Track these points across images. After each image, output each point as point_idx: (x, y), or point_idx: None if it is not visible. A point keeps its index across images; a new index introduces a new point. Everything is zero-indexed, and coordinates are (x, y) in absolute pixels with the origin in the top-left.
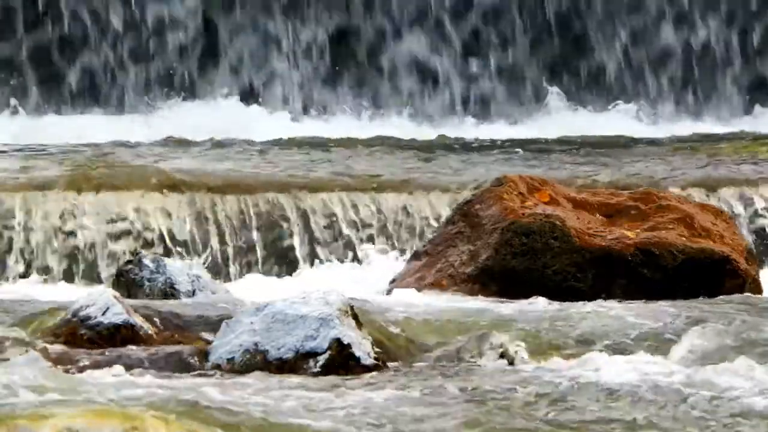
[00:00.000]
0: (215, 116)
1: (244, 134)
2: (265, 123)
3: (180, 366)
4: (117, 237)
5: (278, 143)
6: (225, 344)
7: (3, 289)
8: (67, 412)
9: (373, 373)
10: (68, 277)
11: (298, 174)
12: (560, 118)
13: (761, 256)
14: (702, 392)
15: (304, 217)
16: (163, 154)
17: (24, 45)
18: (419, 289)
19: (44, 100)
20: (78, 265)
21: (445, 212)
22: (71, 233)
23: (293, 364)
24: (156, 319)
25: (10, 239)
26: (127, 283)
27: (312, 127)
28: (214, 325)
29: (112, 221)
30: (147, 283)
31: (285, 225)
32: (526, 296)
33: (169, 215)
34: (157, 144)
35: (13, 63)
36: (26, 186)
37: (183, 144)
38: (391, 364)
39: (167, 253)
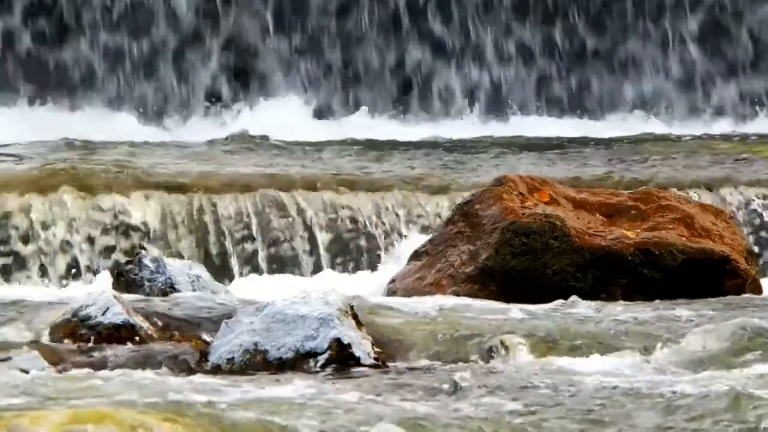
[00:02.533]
0: None
1: None
2: None
3: (180, 366)
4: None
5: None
6: (225, 344)
7: (3, 289)
8: (67, 412)
9: (373, 373)
10: (67, 277)
11: (296, 172)
12: None
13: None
14: (702, 392)
15: (304, 216)
16: None
17: None
18: (419, 289)
19: None
20: (77, 265)
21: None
22: (70, 233)
23: (293, 364)
24: (156, 319)
25: (12, 240)
26: (127, 283)
27: None
28: (214, 325)
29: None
30: (147, 283)
31: (285, 224)
32: (526, 296)
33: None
34: None
35: None
36: (26, 186)
37: None
38: (391, 363)
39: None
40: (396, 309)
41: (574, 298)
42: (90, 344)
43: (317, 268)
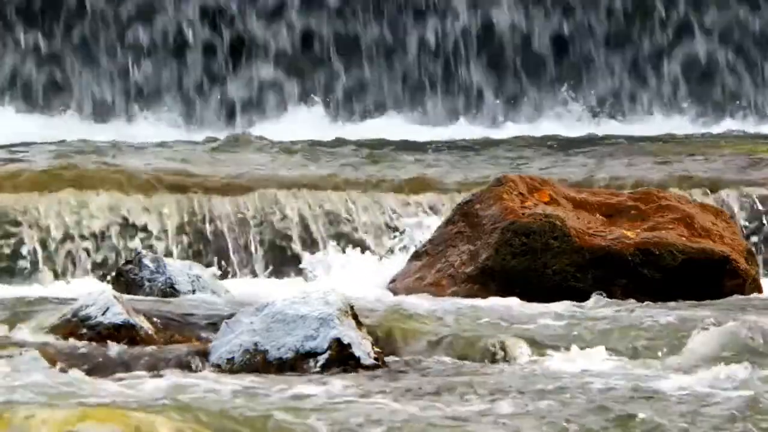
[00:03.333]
0: None
1: None
2: None
3: (180, 366)
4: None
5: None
6: (225, 344)
7: (3, 289)
8: (67, 412)
9: (373, 373)
10: (68, 276)
11: (297, 173)
12: None
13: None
14: (703, 393)
15: (303, 215)
16: None
17: None
18: (419, 289)
19: None
20: (77, 265)
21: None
22: (70, 233)
23: (293, 364)
24: (156, 319)
25: (12, 239)
26: (127, 283)
27: None
28: (214, 325)
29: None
30: (147, 283)
31: (283, 223)
32: (526, 296)
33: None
34: None
35: None
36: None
37: None
38: (391, 363)
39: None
40: (396, 309)
41: (574, 298)
42: (90, 344)
43: (316, 268)
